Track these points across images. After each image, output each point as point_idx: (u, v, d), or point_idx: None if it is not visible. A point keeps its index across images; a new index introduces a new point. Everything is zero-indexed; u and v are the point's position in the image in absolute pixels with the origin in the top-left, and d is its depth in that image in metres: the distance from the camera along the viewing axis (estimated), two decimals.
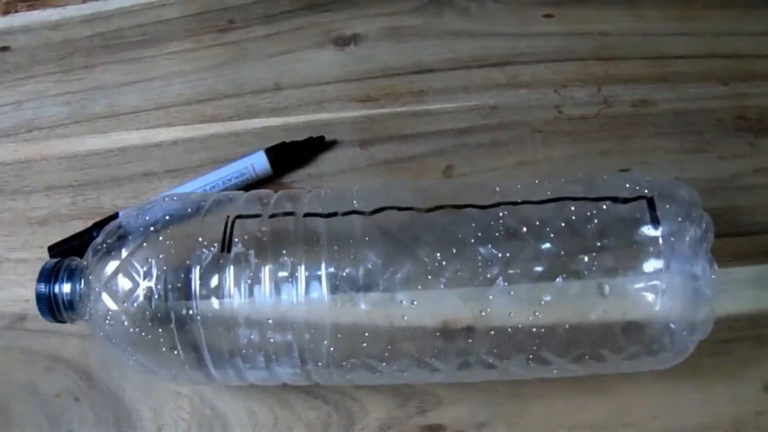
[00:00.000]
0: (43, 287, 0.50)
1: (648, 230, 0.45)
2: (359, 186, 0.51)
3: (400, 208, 0.48)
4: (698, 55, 0.65)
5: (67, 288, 0.50)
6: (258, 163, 0.62)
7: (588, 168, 0.51)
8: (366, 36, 0.69)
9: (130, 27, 0.71)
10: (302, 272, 0.46)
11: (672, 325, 0.45)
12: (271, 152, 0.62)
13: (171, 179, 0.64)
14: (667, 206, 0.46)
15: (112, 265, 0.48)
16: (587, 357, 0.47)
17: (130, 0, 0.72)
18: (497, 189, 0.49)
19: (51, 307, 0.50)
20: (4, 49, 0.71)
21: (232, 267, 0.47)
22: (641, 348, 0.47)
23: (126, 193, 0.64)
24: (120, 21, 0.71)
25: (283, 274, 0.47)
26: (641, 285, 0.45)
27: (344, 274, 0.46)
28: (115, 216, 0.60)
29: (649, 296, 0.45)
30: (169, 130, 0.66)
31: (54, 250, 0.61)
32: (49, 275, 0.50)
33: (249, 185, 0.62)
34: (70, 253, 0.60)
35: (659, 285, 0.45)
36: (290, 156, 0.63)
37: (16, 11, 0.73)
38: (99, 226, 0.60)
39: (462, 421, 0.54)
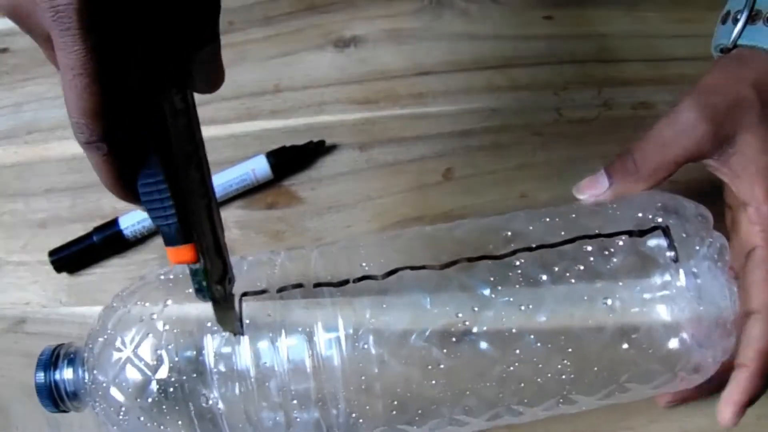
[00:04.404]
0: (42, 377, 0.47)
1: (667, 261, 0.45)
2: (365, 241, 0.49)
3: (413, 268, 0.46)
4: (698, 57, 0.65)
5: (68, 375, 0.47)
6: (259, 167, 0.62)
7: (588, 171, 0.51)
8: (366, 38, 0.69)
9: None
10: (321, 346, 0.45)
11: (700, 349, 0.45)
12: (272, 156, 0.62)
13: None
14: (683, 235, 0.45)
15: (117, 358, 0.46)
16: (616, 392, 0.47)
17: None
18: (509, 234, 0.47)
19: (53, 396, 0.47)
20: (4, 50, 0.71)
21: (247, 350, 0.45)
22: (670, 375, 0.46)
23: None
24: None
25: (301, 350, 0.45)
26: (666, 315, 0.45)
27: (365, 347, 0.45)
28: (115, 222, 0.61)
29: (675, 324, 0.45)
30: None
31: (54, 255, 0.61)
32: (47, 363, 0.48)
33: (250, 189, 0.62)
34: (70, 259, 0.60)
35: (683, 312, 0.45)
36: (291, 160, 0.63)
37: None
38: (99, 231, 0.60)
39: None
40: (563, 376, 0.45)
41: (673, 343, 0.45)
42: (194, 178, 0.38)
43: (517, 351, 0.45)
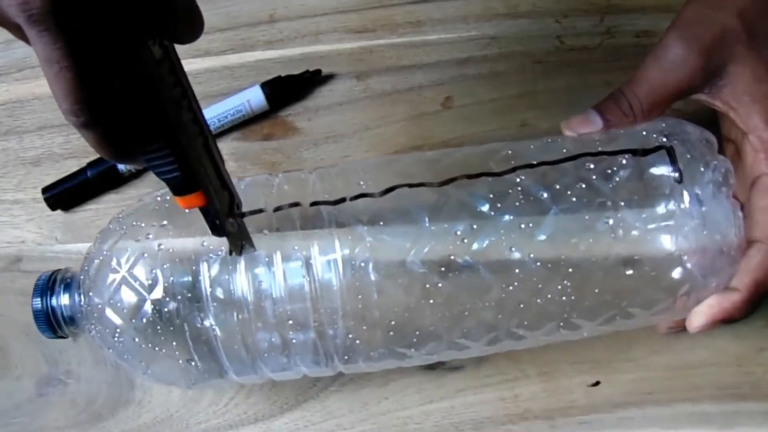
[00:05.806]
0: (39, 303, 0.48)
1: (671, 182, 0.44)
2: (363, 162, 0.48)
3: (411, 185, 0.45)
4: None
5: (65, 300, 0.48)
6: (254, 98, 0.61)
7: (590, 100, 0.50)
8: None
9: None
10: (318, 266, 0.44)
11: (703, 276, 0.45)
12: (267, 87, 0.61)
13: None
14: (688, 156, 0.44)
15: (112, 279, 0.45)
16: (618, 317, 0.46)
17: None
18: (509, 152, 0.46)
19: (50, 322, 0.48)
20: None
21: (243, 270, 0.45)
22: (672, 301, 0.46)
23: None
24: None
25: (297, 270, 0.45)
26: (669, 241, 0.44)
27: (362, 265, 0.44)
28: None
29: (678, 251, 0.44)
30: None
31: (48, 192, 0.60)
32: (44, 289, 0.48)
33: (245, 121, 0.61)
34: (64, 195, 0.60)
35: (687, 239, 0.44)
36: (286, 90, 0.62)
37: None
38: (93, 165, 0.60)
39: None
40: (563, 298, 0.45)
41: (677, 269, 0.44)
42: (187, 119, 0.37)
43: (516, 270, 0.44)
